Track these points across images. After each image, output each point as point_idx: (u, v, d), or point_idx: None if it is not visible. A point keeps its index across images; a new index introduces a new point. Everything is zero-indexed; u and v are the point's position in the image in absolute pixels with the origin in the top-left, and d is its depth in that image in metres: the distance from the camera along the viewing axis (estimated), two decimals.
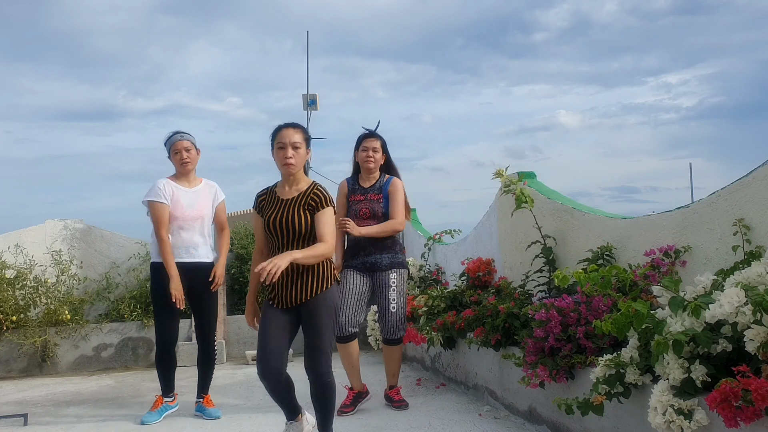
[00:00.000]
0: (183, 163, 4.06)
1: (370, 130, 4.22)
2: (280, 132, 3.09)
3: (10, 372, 5.86)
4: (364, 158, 4.12)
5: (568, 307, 3.14)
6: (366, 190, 4.15)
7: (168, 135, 4.12)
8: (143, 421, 3.96)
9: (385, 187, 4.17)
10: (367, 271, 4.12)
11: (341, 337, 4.06)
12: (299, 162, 3.09)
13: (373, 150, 4.11)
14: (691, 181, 27.15)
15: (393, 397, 4.19)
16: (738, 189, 2.91)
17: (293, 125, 3.14)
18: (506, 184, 4.35)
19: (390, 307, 4.10)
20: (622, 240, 3.69)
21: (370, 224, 4.07)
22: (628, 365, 2.60)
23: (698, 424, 2.19)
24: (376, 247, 4.10)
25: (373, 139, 4.14)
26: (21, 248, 6.18)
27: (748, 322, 2.12)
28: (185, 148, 4.06)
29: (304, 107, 9.56)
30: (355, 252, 4.11)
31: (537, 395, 3.44)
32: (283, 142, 3.06)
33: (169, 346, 4.07)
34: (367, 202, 4.11)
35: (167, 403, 4.13)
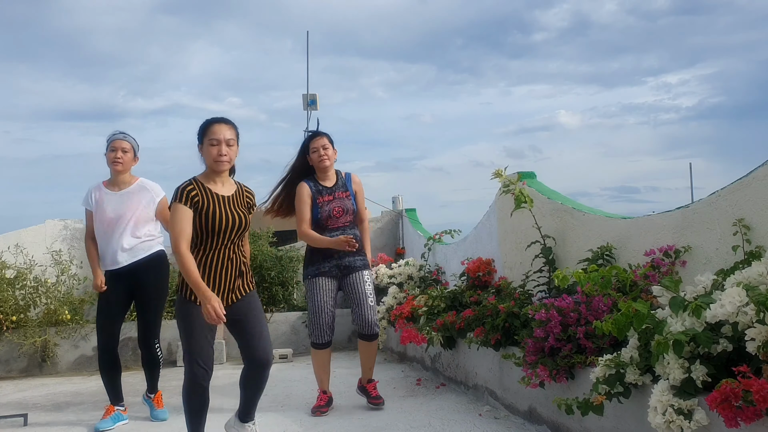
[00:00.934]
0: (114, 161, 3.96)
1: (314, 130, 4.22)
2: (212, 127, 3.00)
3: (10, 372, 5.86)
4: (317, 159, 4.06)
5: (568, 307, 3.14)
6: (331, 190, 4.10)
7: (111, 132, 4.04)
8: (97, 428, 3.87)
9: (348, 184, 4.18)
10: (339, 273, 4.08)
11: (319, 344, 4.06)
12: (232, 159, 3.04)
13: (323, 148, 4.06)
14: (691, 181, 27.17)
15: (370, 392, 4.17)
16: (738, 189, 2.91)
17: (225, 120, 3.06)
18: (505, 184, 4.35)
19: (368, 302, 4.07)
20: (622, 240, 3.69)
21: (343, 221, 4.06)
22: (628, 365, 2.60)
23: (698, 424, 2.19)
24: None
25: (320, 138, 4.10)
26: (21, 248, 6.18)
27: (749, 321, 2.12)
28: (122, 148, 3.97)
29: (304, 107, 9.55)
30: (328, 255, 4.03)
31: (537, 395, 3.44)
32: (216, 139, 2.97)
33: (113, 350, 4.02)
34: (338, 200, 4.08)
35: (119, 411, 4.03)
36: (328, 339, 4.06)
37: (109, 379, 4.05)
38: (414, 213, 8.17)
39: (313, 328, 4.08)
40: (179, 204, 2.92)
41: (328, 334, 4.05)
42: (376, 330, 4.12)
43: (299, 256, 7.22)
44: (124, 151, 3.98)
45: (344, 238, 3.89)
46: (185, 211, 2.91)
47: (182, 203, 2.92)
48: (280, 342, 6.61)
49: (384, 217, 8.31)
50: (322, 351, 4.09)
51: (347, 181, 4.20)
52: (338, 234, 4.02)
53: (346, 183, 4.18)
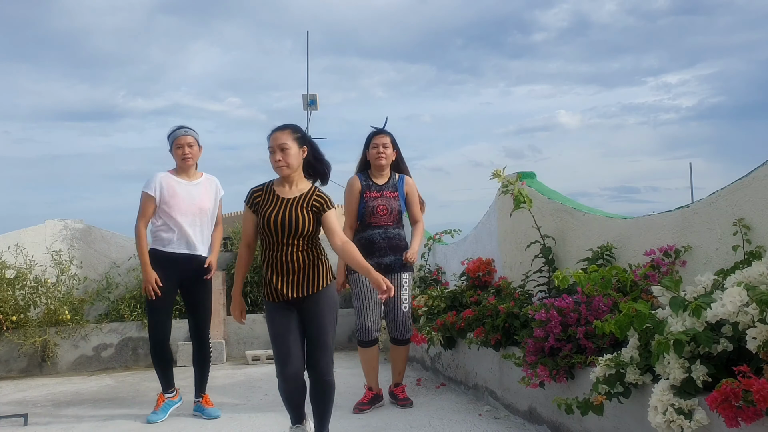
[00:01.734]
0: (184, 158, 4.06)
1: (379, 128, 4.24)
2: (270, 137, 3.12)
3: (10, 372, 5.86)
4: (375, 155, 4.12)
5: (568, 307, 3.14)
6: (381, 187, 4.15)
7: (172, 128, 4.11)
8: (149, 420, 3.96)
9: (399, 186, 4.21)
10: (381, 272, 4.09)
11: (366, 342, 4.09)
12: (291, 162, 3.08)
13: (383, 146, 4.12)
14: (691, 181, 27.14)
15: (398, 395, 4.20)
16: (738, 189, 2.92)
17: (281, 127, 3.13)
18: (504, 184, 4.35)
19: (402, 307, 4.12)
20: (622, 240, 3.70)
21: (386, 220, 4.09)
22: (628, 365, 2.60)
23: (698, 423, 2.19)
24: (391, 248, 4.10)
25: (382, 136, 4.16)
26: (21, 248, 6.18)
27: (749, 321, 2.12)
28: (188, 143, 4.06)
29: (304, 107, 9.56)
30: (370, 253, 4.05)
31: (537, 395, 3.44)
32: (272, 146, 3.09)
33: (162, 343, 4.05)
34: (384, 199, 4.11)
35: (169, 399, 4.12)
36: (374, 337, 4.09)
37: (163, 372, 4.12)
38: None
39: (359, 326, 4.11)
40: (245, 205, 3.21)
41: (373, 333, 4.08)
42: (409, 335, 4.18)
43: None
44: (190, 145, 4.07)
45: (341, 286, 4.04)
46: (246, 212, 3.20)
47: (246, 204, 3.20)
48: None
49: None
50: (368, 349, 4.11)
51: (399, 182, 4.22)
52: (380, 232, 4.07)
53: (398, 184, 4.21)
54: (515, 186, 4.28)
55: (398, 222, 4.18)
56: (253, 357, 6.09)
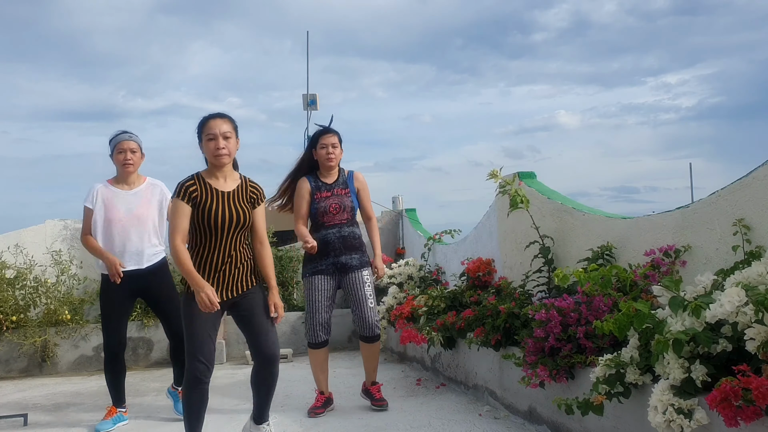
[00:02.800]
0: (125, 164, 3.93)
1: (325, 126, 4.17)
2: (208, 123, 3.02)
3: (10, 372, 5.86)
4: (324, 155, 4.06)
5: (568, 307, 3.14)
6: (331, 186, 4.10)
7: (114, 133, 3.99)
8: (98, 429, 3.85)
9: (350, 182, 4.17)
10: (337, 272, 4.06)
11: (314, 344, 4.05)
12: (231, 152, 3.04)
13: (332, 146, 4.06)
14: (691, 181, 27.16)
15: (374, 394, 4.16)
16: (738, 189, 2.92)
17: (221, 115, 3.06)
18: (501, 185, 4.35)
19: (368, 303, 4.07)
20: (622, 240, 3.70)
21: (339, 218, 4.04)
22: (628, 365, 2.60)
23: (698, 423, 2.20)
24: (346, 247, 4.05)
25: (330, 135, 4.09)
26: (21, 248, 6.18)
27: (748, 321, 2.12)
28: (131, 149, 3.94)
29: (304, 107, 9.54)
30: (324, 253, 4.02)
31: (537, 395, 3.44)
32: (213, 133, 2.99)
33: (119, 352, 4.01)
34: (335, 197, 4.07)
35: (120, 413, 4.02)
36: (323, 339, 4.05)
37: (113, 381, 4.04)
38: (414, 213, 8.17)
39: (308, 327, 4.07)
40: (177, 199, 2.99)
41: (321, 335, 4.03)
42: (377, 331, 4.11)
43: (299, 256, 7.21)
44: (132, 151, 3.96)
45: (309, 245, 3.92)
46: (182, 207, 2.97)
47: (181, 199, 2.98)
48: (280, 342, 6.59)
49: (384, 217, 8.31)
50: (318, 351, 4.08)
51: (349, 179, 4.18)
52: (334, 231, 4.03)
53: (347, 180, 4.17)
54: (512, 186, 4.29)
55: (352, 220, 4.13)
56: None
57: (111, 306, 3.96)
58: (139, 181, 4.07)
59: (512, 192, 4.23)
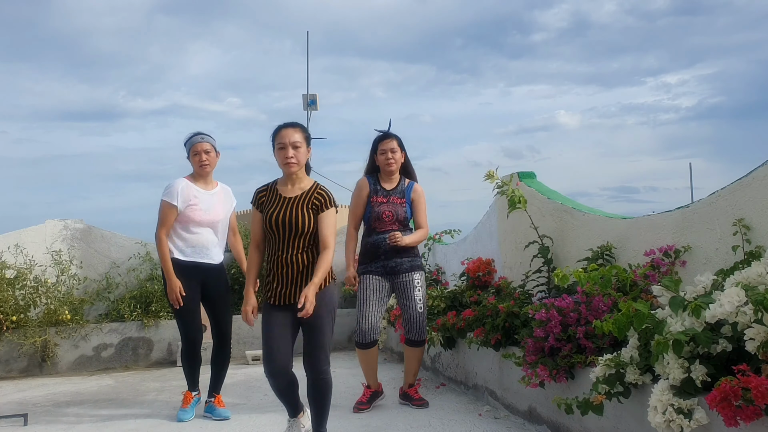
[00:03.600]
0: (202, 165, 4.05)
1: (384, 131, 4.17)
2: (280, 132, 3.13)
3: (10, 372, 5.85)
4: (384, 161, 4.07)
5: (568, 307, 3.14)
6: (388, 193, 4.10)
7: (188, 135, 4.10)
8: (180, 418, 3.99)
9: (407, 192, 4.15)
10: (387, 274, 4.08)
11: (363, 344, 4.06)
12: (300, 161, 3.13)
13: (391, 151, 4.06)
14: (691, 181, 27.14)
15: (413, 396, 4.19)
16: (738, 189, 2.92)
17: (292, 125, 3.17)
18: (499, 185, 4.34)
19: (417, 308, 4.09)
20: (621, 240, 3.70)
21: (392, 227, 4.05)
22: (628, 365, 2.60)
23: (698, 423, 2.20)
24: (396, 250, 4.05)
25: (389, 140, 4.10)
26: (21, 248, 6.18)
27: (748, 321, 2.12)
28: (205, 150, 4.04)
29: (304, 107, 9.55)
30: (375, 256, 4.06)
31: (537, 395, 3.44)
32: (283, 143, 3.10)
33: (196, 343, 4.09)
34: (390, 204, 4.07)
35: (196, 396, 4.15)
36: (372, 339, 4.05)
37: (192, 370, 4.14)
38: None
39: (357, 327, 4.09)
40: (252, 206, 3.26)
41: (371, 335, 4.04)
42: (424, 336, 4.15)
43: None
44: (206, 152, 4.06)
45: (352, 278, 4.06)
46: (254, 213, 3.23)
47: (253, 205, 3.24)
48: None
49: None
50: (366, 351, 4.09)
51: (408, 189, 4.16)
52: (383, 237, 4.02)
53: (406, 190, 4.15)
54: (510, 187, 4.28)
55: (404, 228, 4.12)
56: (253, 357, 6.09)
57: (188, 296, 4.01)
58: (214, 183, 4.21)
59: (509, 192, 4.23)
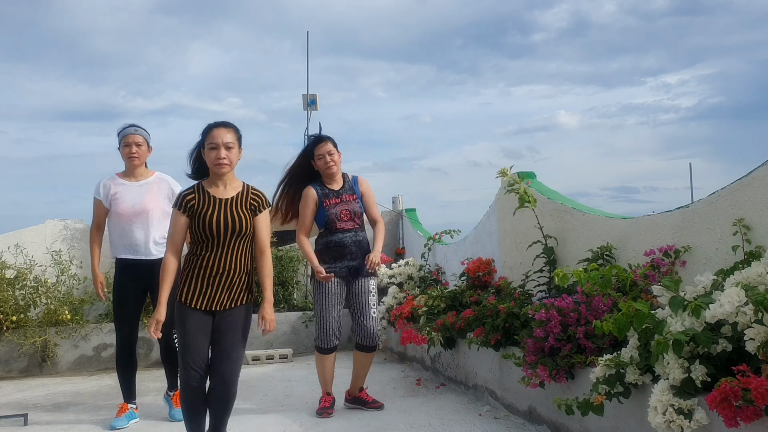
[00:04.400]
0: (130, 157, 4.00)
1: (317, 135, 4.13)
2: (212, 132, 3.03)
3: (10, 372, 5.85)
4: (324, 165, 4.01)
5: (568, 307, 3.14)
6: (338, 193, 4.07)
7: (122, 126, 4.05)
8: (112, 425, 3.86)
9: (355, 187, 4.15)
10: (348, 276, 4.05)
11: (324, 349, 4.02)
12: (233, 161, 3.05)
13: (328, 154, 4.01)
14: (691, 181, 27.12)
15: (367, 400, 4.15)
16: (738, 189, 2.92)
17: (225, 124, 3.07)
18: (510, 183, 4.34)
19: (371, 313, 4.06)
20: (622, 240, 3.70)
21: (350, 225, 4.03)
22: (628, 365, 2.60)
23: (698, 423, 2.20)
24: (361, 252, 4.05)
25: (324, 143, 4.04)
26: (21, 248, 6.17)
27: (748, 321, 2.12)
28: (136, 142, 3.99)
29: (304, 107, 9.53)
30: (340, 256, 4.02)
31: (537, 395, 3.44)
32: (215, 143, 3.00)
33: (131, 347, 4.01)
34: (345, 203, 4.05)
35: (132, 410, 4.02)
36: (334, 344, 4.03)
37: (125, 377, 4.05)
38: (414, 213, 8.17)
39: (319, 332, 4.03)
40: (174, 209, 3.06)
41: (333, 340, 4.02)
42: (377, 342, 4.11)
43: (299, 256, 7.20)
44: (137, 144, 4.01)
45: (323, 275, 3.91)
46: (177, 217, 3.04)
47: (178, 208, 3.04)
48: (280, 342, 6.62)
49: (384, 217, 8.28)
50: (327, 356, 4.05)
51: (354, 184, 4.16)
52: (350, 235, 4.02)
53: (353, 186, 4.15)
54: (521, 185, 4.27)
55: (362, 225, 4.13)
56: (253, 357, 6.09)
57: (121, 297, 3.98)
58: (147, 174, 4.12)
59: (521, 191, 4.21)
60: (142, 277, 3.97)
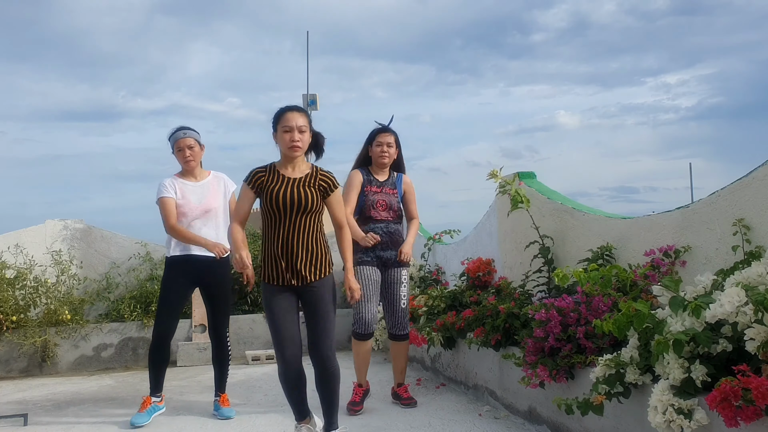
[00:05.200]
0: (186, 161, 4.07)
1: (384, 125, 4.24)
2: (285, 115, 3.13)
3: (10, 372, 5.85)
4: (378, 153, 4.14)
5: (568, 307, 3.14)
6: (381, 183, 4.19)
7: (172, 131, 4.10)
8: (133, 422, 3.90)
9: (398, 184, 4.26)
10: (381, 266, 4.13)
11: (362, 335, 4.08)
12: (304, 145, 3.15)
13: (387, 145, 4.14)
14: (691, 181, 27.15)
15: (402, 395, 4.19)
16: (738, 189, 2.92)
17: (297, 108, 3.20)
18: (501, 184, 4.36)
19: (401, 303, 4.16)
20: (622, 240, 3.70)
21: (385, 215, 4.13)
22: (628, 365, 2.60)
23: (698, 423, 2.20)
24: (392, 243, 4.14)
25: (387, 134, 4.17)
26: (21, 248, 6.18)
27: (748, 321, 2.12)
28: (188, 145, 4.05)
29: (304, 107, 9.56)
30: (371, 246, 4.08)
31: (537, 395, 3.44)
32: (290, 126, 3.10)
33: (165, 339, 4.04)
34: (384, 194, 4.16)
35: (155, 403, 4.06)
36: (372, 330, 4.08)
37: (155, 369, 4.09)
38: None
39: (356, 318, 4.09)
40: (244, 183, 3.18)
41: (370, 326, 4.07)
42: (407, 330, 4.20)
43: None
44: (190, 147, 4.05)
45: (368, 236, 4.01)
46: (245, 191, 3.16)
47: (247, 183, 3.16)
48: None
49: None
50: (364, 342, 4.11)
51: (398, 180, 4.28)
52: (382, 226, 4.10)
53: (396, 182, 4.26)
54: (512, 186, 4.29)
55: (398, 218, 4.22)
56: (253, 357, 6.09)
57: (170, 290, 4.02)
58: (204, 174, 4.19)
59: (512, 192, 4.24)
60: (202, 273, 4.05)
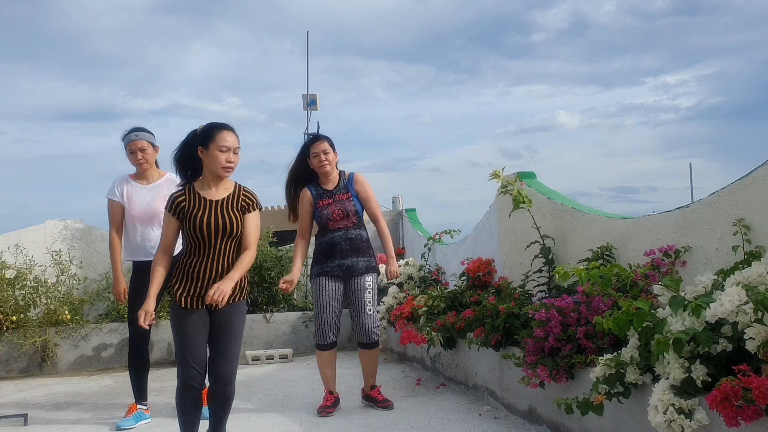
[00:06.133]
0: (138, 163, 4.04)
1: (314, 134, 4.18)
2: (222, 134, 2.98)
3: (10, 372, 5.86)
4: (318, 164, 4.04)
5: (568, 307, 3.14)
6: (332, 193, 4.10)
7: (124, 132, 4.05)
8: (119, 426, 3.86)
9: (350, 185, 4.16)
10: (342, 275, 4.08)
11: (324, 345, 4.06)
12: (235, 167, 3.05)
13: (323, 153, 4.03)
14: (691, 181, 27.11)
15: (377, 397, 4.16)
16: (738, 189, 2.92)
17: (233, 128, 3.05)
18: (503, 184, 4.35)
19: (366, 310, 4.09)
20: (622, 240, 3.70)
21: (343, 224, 4.06)
22: (628, 365, 2.60)
23: (699, 423, 2.20)
24: (353, 250, 4.07)
25: (320, 142, 4.07)
26: (21, 248, 6.18)
27: (748, 321, 2.12)
28: (140, 148, 4.01)
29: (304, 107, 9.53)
30: (331, 255, 4.05)
31: (537, 395, 3.44)
32: (227, 146, 2.97)
33: (141, 344, 4.03)
34: (337, 203, 4.08)
35: (141, 410, 4.02)
36: (332, 340, 4.06)
37: (136, 377, 4.07)
38: (414, 213, 8.18)
39: (316, 328, 4.09)
40: (166, 212, 3.05)
41: (330, 336, 4.05)
42: (375, 338, 4.13)
43: None
44: (142, 150, 4.03)
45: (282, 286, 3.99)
46: (168, 219, 3.04)
47: (169, 211, 3.04)
48: (280, 342, 6.62)
49: (384, 217, 8.31)
50: (326, 352, 4.09)
51: (349, 182, 4.17)
52: (341, 234, 4.05)
53: (348, 184, 4.16)
54: (514, 186, 4.29)
55: (358, 223, 4.14)
56: (253, 357, 6.09)
57: (136, 297, 4.00)
58: (158, 176, 4.16)
59: (514, 192, 4.23)
60: None
